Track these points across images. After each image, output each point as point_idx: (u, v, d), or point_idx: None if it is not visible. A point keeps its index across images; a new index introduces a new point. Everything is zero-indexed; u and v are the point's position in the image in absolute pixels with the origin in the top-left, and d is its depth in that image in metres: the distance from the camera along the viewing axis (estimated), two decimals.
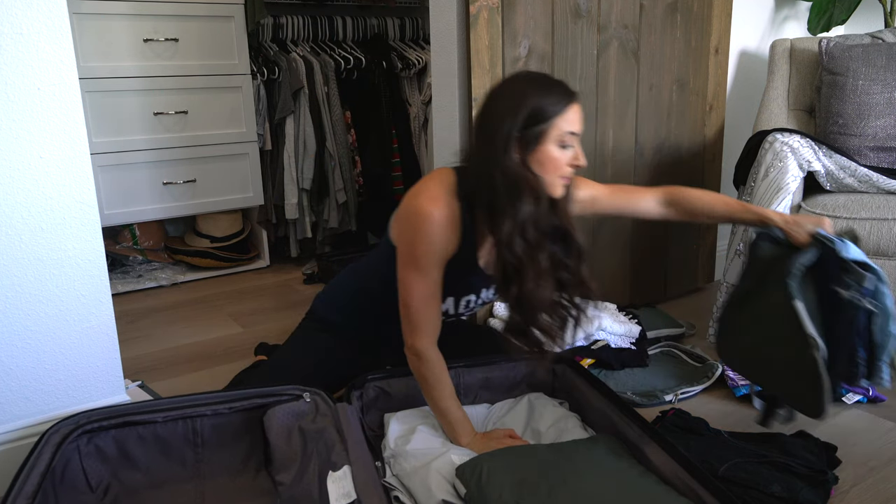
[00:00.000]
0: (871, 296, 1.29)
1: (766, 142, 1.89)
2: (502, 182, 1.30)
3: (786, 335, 1.32)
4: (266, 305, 2.61)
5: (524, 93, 1.30)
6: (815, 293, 1.33)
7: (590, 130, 2.17)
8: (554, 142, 1.30)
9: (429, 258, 1.36)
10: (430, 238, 1.35)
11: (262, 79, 2.91)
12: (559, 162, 1.31)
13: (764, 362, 1.43)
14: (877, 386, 1.37)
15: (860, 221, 1.82)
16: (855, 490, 1.40)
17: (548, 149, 1.30)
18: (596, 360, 1.89)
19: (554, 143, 1.30)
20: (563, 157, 1.31)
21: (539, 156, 1.30)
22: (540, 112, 1.28)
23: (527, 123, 1.28)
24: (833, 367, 1.29)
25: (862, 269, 1.29)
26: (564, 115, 1.29)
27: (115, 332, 1.55)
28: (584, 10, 2.06)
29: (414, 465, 1.33)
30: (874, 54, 2.02)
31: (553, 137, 1.29)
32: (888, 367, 1.32)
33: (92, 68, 2.56)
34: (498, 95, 1.33)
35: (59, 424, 1.37)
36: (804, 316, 1.28)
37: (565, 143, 1.30)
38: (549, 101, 1.28)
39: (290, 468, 1.37)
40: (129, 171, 2.72)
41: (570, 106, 1.29)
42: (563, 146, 1.30)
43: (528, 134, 1.29)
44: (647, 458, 1.30)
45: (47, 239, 1.42)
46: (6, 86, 1.33)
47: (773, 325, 1.36)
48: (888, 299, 1.30)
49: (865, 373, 1.33)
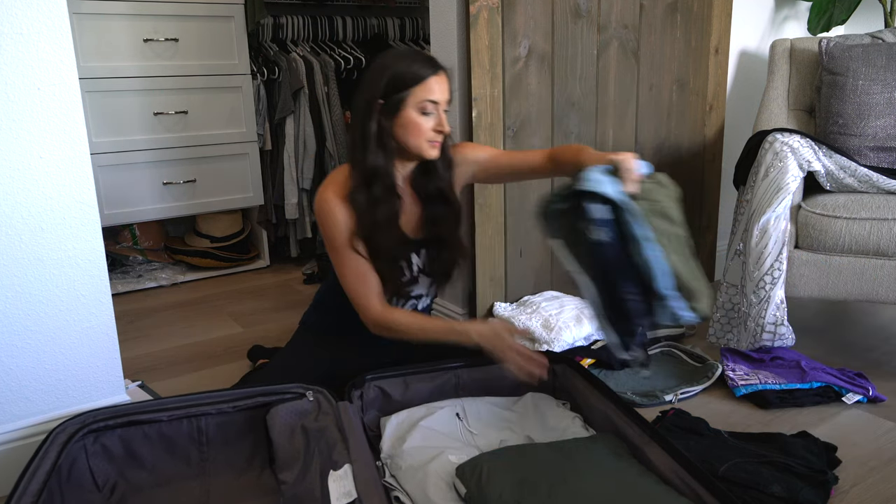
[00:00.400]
0: (606, 226, 1.24)
1: (766, 142, 1.89)
2: (358, 141, 1.49)
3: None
4: (266, 305, 2.61)
5: (387, 65, 1.48)
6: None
7: (590, 130, 2.17)
8: (414, 108, 1.46)
9: (341, 239, 1.51)
10: (334, 221, 1.51)
11: (262, 79, 2.91)
12: (421, 127, 1.48)
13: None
14: (683, 324, 1.29)
15: (860, 221, 1.82)
16: (855, 490, 1.40)
17: (409, 114, 1.47)
18: (596, 360, 1.89)
19: (414, 110, 1.47)
20: (425, 122, 1.47)
21: (401, 120, 1.48)
22: (400, 81, 1.45)
23: (388, 91, 1.46)
24: (608, 304, 1.27)
25: (597, 202, 1.23)
26: (424, 84, 1.45)
27: (115, 332, 1.55)
28: (584, 10, 2.06)
29: (411, 464, 1.33)
30: (874, 54, 2.02)
31: (412, 104, 1.46)
32: (679, 298, 1.24)
33: (92, 68, 2.56)
34: (369, 69, 1.51)
35: (65, 424, 1.38)
36: (560, 254, 1.28)
37: (426, 110, 1.47)
38: (410, 71, 1.45)
39: (292, 467, 1.37)
40: (129, 171, 2.72)
41: (430, 76, 1.46)
42: (423, 112, 1.47)
43: (389, 101, 1.46)
44: (647, 458, 1.30)
45: (47, 239, 1.42)
46: (6, 86, 1.33)
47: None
48: (635, 226, 1.25)
49: (647, 308, 1.26)
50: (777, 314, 1.87)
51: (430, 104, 1.47)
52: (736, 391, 1.78)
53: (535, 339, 1.90)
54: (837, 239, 1.84)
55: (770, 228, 1.83)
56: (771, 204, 1.83)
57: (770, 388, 1.74)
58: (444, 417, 1.51)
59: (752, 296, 1.87)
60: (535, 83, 2.01)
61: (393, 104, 1.47)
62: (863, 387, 1.75)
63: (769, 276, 1.85)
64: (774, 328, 1.88)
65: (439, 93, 1.47)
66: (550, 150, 1.61)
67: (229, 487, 1.43)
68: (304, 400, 1.46)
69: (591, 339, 1.95)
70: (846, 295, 1.87)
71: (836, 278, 1.86)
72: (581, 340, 1.93)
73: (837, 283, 1.86)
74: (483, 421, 1.55)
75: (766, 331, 1.89)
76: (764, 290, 1.85)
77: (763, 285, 1.85)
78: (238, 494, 1.41)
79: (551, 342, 1.86)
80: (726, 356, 1.92)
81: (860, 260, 1.83)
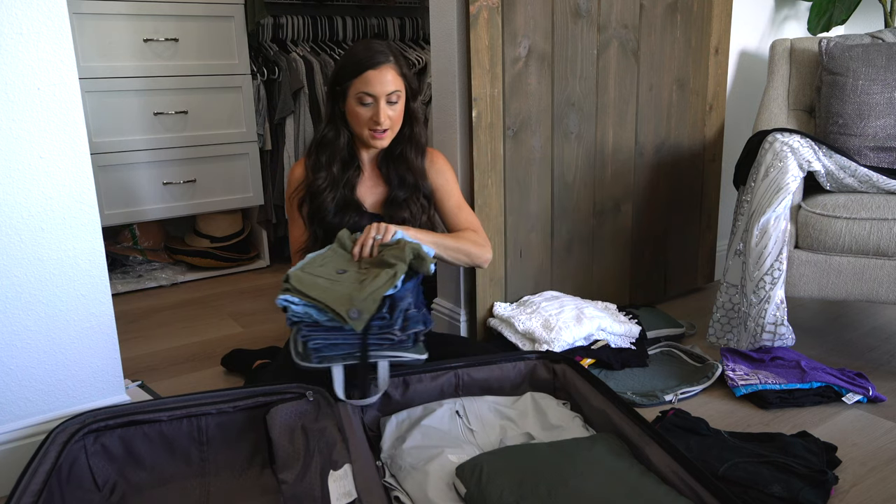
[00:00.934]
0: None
1: (766, 142, 1.89)
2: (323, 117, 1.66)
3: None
4: (266, 305, 2.61)
5: (345, 56, 1.62)
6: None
7: (590, 130, 2.17)
8: (353, 98, 1.60)
9: (292, 203, 1.71)
10: (289, 180, 1.73)
11: (262, 79, 2.91)
12: (360, 117, 1.61)
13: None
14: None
15: (860, 221, 1.82)
16: (855, 490, 1.40)
17: (349, 103, 1.61)
18: (596, 360, 1.89)
19: (353, 100, 1.60)
20: (362, 112, 1.60)
21: (347, 108, 1.62)
22: (344, 71, 1.60)
23: (336, 79, 1.62)
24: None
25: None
26: (361, 76, 1.56)
27: (115, 332, 1.55)
28: (584, 10, 2.06)
29: (411, 464, 1.33)
30: (874, 54, 2.02)
31: (352, 94, 1.59)
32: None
33: (92, 68, 2.56)
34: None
35: (65, 423, 1.38)
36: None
37: (363, 101, 1.59)
38: (352, 62, 1.58)
39: (292, 466, 1.37)
40: (129, 171, 2.72)
41: (368, 70, 1.56)
42: (361, 103, 1.59)
43: (338, 89, 1.62)
44: (647, 458, 1.30)
45: (47, 239, 1.42)
46: (6, 86, 1.33)
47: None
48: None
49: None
50: (777, 314, 1.87)
51: (367, 96, 1.58)
52: (736, 391, 1.78)
53: (535, 339, 1.90)
54: (837, 239, 1.84)
55: (770, 228, 1.83)
56: (771, 204, 1.83)
57: (770, 388, 1.74)
58: (444, 417, 1.51)
59: (752, 296, 1.87)
60: (535, 83, 2.01)
61: (340, 92, 1.62)
62: (863, 387, 1.75)
63: (769, 276, 1.85)
64: (774, 328, 1.89)
65: (378, 85, 1.56)
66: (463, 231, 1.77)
67: (229, 487, 1.43)
68: (304, 400, 1.46)
69: (591, 339, 1.95)
70: (846, 295, 1.87)
71: (835, 278, 1.86)
72: (581, 340, 1.93)
73: (837, 283, 1.86)
74: (483, 420, 1.55)
75: (766, 331, 1.89)
76: (764, 290, 1.86)
77: (763, 285, 1.85)
78: (238, 494, 1.41)
79: (551, 342, 1.86)
80: (726, 356, 1.92)
81: (860, 260, 1.83)
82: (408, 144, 1.70)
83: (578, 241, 2.24)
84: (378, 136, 1.63)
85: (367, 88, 1.57)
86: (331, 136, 1.65)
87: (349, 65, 1.58)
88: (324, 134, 1.67)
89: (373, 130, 1.61)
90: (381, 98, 1.57)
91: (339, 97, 1.63)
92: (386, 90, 1.57)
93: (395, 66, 1.58)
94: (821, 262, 1.87)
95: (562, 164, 2.14)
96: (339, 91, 1.62)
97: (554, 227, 2.17)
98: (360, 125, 1.62)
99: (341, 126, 1.66)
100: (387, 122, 1.60)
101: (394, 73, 1.58)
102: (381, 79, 1.56)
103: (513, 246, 2.09)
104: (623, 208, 2.32)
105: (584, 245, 2.26)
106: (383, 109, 1.58)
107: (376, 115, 1.59)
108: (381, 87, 1.56)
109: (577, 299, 2.09)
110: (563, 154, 2.13)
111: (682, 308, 2.45)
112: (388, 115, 1.60)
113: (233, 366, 2.03)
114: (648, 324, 2.14)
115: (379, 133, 1.62)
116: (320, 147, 1.67)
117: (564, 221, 2.19)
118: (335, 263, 1.51)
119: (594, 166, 2.21)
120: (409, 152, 1.70)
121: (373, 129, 1.61)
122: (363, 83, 1.57)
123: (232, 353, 2.06)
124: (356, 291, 1.39)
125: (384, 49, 1.59)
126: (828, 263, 1.87)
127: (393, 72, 1.57)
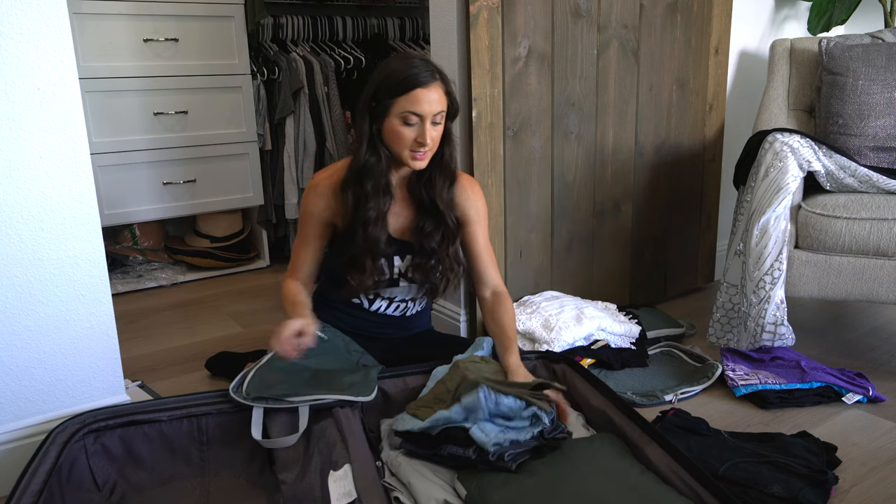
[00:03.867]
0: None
1: (766, 142, 1.89)
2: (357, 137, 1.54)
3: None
4: (266, 305, 2.61)
5: (385, 68, 1.50)
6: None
7: (590, 130, 2.17)
8: (397, 117, 1.47)
9: (305, 218, 1.63)
10: (307, 202, 1.61)
11: (262, 79, 2.91)
12: (402, 136, 1.48)
13: None
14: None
15: (860, 221, 1.82)
16: (855, 490, 1.40)
17: (391, 122, 1.49)
18: (596, 360, 1.89)
19: (397, 118, 1.48)
20: (406, 132, 1.48)
21: (387, 127, 1.50)
22: (388, 87, 1.47)
23: (378, 95, 1.48)
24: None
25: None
26: (409, 94, 1.45)
27: (115, 332, 1.55)
28: (584, 10, 2.06)
29: (411, 464, 1.33)
30: (874, 54, 2.02)
31: (396, 113, 1.47)
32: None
33: (92, 68, 2.56)
34: (377, 69, 1.52)
35: (66, 423, 1.38)
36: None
37: (408, 121, 1.47)
38: (399, 79, 1.45)
39: (292, 467, 1.37)
40: (129, 171, 2.72)
41: (417, 88, 1.45)
42: (406, 123, 1.47)
43: (379, 105, 1.49)
44: (647, 458, 1.30)
45: (47, 239, 1.42)
46: (6, 86, 1.33)
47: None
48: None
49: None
50: (777, 314, 1.87)
51: (413, 116, 1.46)
52: (736, 391, 1.77)
53: (535, 339, 1.90)
54: (837, 239, 1.84)
55: (770, 228, 1.83)
56: (771, 204, 1.83)
57: (770, 388, 1.74)
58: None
59: (752, 296, 1.87)
60: (535, 83, 2.01)
61: (381, 109, 1.49)
62: (863, 387, 1.75)
63: (769, 276, 1.85)
64: (774, 328, 1.88)
65: (426, 105, 1.46)
66: (498, 292, 1.69)
67: (229, 487, 1.43)
68: None
69: (591, 339, 1.95)
70: (846, 295, 1.87)
71: (836, 278, 1.86)
72: (581, 340, 1.93)
73: (837, 283, 1.86)
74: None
75: (766, 331, 1.89)
76: (764, 290, 1.86)
77: (763, 285, 1.85)
78: (238, 494, 1.41)
79: (551, 342, 1.86)
80: (726, 356, 1.92)
81: (860, 260, 1.83)
82: (437, 169, 1.58)
83: (578, 241, 2.24)
84: (419, 158, 1.51)
85: (415, 108, 1.45)
86: (373, 162, 1.52)
87: (393, 81, 1.46)
88: (366, 160, 1.52)
89: (414, 151, 1.50)
90: (428, 118, 1.47)
91: (377, 115, 1.50)
92: (433, 110, 1.47)
93: (442, 84, 1.49)
94: (821, 262, 1.87)
95: (562, 164, 2.14)
96: (379, 108, 1.49)
97: (554, 227, 2.17)
98: (402, 146, 1.50)
99: (380, 147, 1.52)
100: (430, 143, 1.50)
101: (440, 91, 1.48)
102: (429, 98, 1.46)
103: (513, 246, 2.09)
104: (623, 208, 2.32)
105: (584, 245, 2.26)
106: (428, 130, 1.48)
107: (421, 136, 1.47)
108: (429, 106, 1.46)
109: (577, 299, 2.09)
110: (563, 154, 2.13)
111: (682, 308, 2.45)
112: (432, 136, 1.49)
113: (219, 369, 2.00)
114: (648, 324, 2.14)
115: (420, 154, 1.51)
116: (364, 174, 1.53)
117: (564, 221, 2.19)
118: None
119: (594, 166, 2.21)
120: (436, 177, 1.59)
121: (415, 150, 1.50)
122: (410, 102, 1.45)
123: (219, 355, 2.04)
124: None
125: (431, 66, 1.49)
126: (828, 263, 1.87)
127: (440, 90, 1.48)
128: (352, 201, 1.54)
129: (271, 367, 1.52)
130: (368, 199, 1.54)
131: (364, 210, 1.54)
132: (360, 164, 1.53)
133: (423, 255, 1.62)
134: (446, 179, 1.60)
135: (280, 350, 1.47)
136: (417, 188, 1.60)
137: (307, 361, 1.55)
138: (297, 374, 1.51)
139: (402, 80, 1.45)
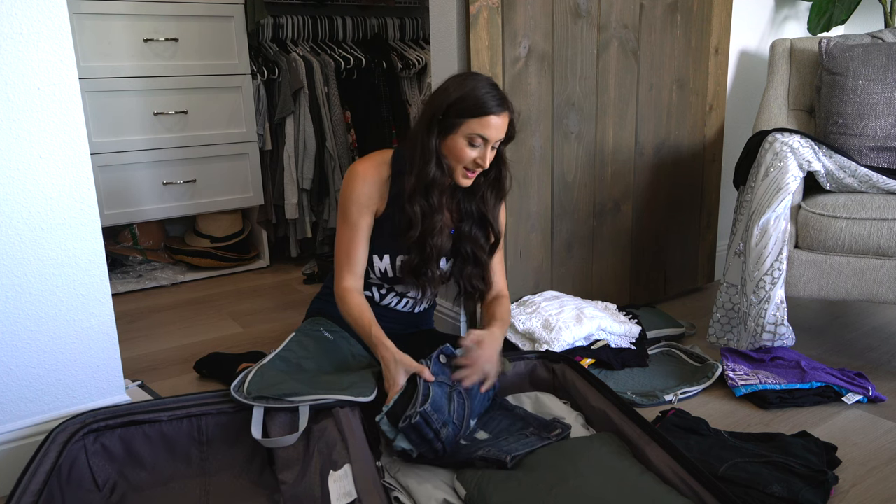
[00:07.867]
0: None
1: (766, 142, 1.89)
2: (419, 148, 1.54)
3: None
4: (266, 305, 2.61)
5: (461, 85, 1.52)
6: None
7: (590, 130, 2.17)
8: (464, 136, 1.51)
9: (351, 207, 1.61)
10: (354, 190, 1.60)
11: (262, 79, 2.91)
12: (464, 154, 1.53)
13: None
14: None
15: (860, 221, 1.82)
16: (855, 490, 1.40)
17: (456, 139, 1.52)
18: (596, 360, 1.89)
19: (463, 137, 1.52)
20: (468, 152, 1.53)
21: (449, 142, 1.53)
22: (464, 106, 1.50)
23: (449, 111, 1.51)
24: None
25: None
26: (483, 118, 1.50)
27: (115, 332, 1.55)
28: (584, 10, 2.06)
29: (411, 464, 1.33)
30: (874, 54, 2.02)
31: (464, 132, 1.51)
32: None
33: (92, 68, 2.56)
34: (448, 84, 1.54)
35: (66, 423, 1.38)
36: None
37: (474, 142, 1.52)
38: (476, 101, 1.49)
39: (292, 467, 1.37)
40: (129, 171, 2.72)
41: (490, 114, 1.49)
42: (471, 144, 1.52)
43: (447, 120, 1.52)
44: (647, 458, 1.30)
45: (47, 239, 1.42)
46: (6, 86, 1.33)
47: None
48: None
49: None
50: (777, 314, 1.87)
51: (479, 138, 1.51)
52: (736, 391, 1.77)
53: (535, 339, 1.90)
54: (837, 239, 1.84)
55: (770, 228, 1.83)
56: (771, 204, 1.83)
57: (770, 388, 1.74)
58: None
59: (752, 296, 1.87)
60: (535, 83, 2.01)
61: (449, 124, 1.52)
62: (863, 387, 1.75)
63: (769, 276, 1.85)
64: (774, 328, 1.89)
65: (493, 130, 1.51)
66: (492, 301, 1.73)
67: (229, 487, 1.43)
68: None
69: (591, 339, 1.95)
70: (846, 295, 1.87)
71: (835, 278, 1.86)
72: (581, 340, 1.93)
73: (837, 283, 1.86)
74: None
75: (766, 331, 1.89)
76: (764, 290, 1.86)
77: (763, 285, 1.85)
78: (238, 494, 1.41)
79: (551, 342, 1.86)
80: (726, 356, 1.92)
81: (860, 260, 1.83)
82: (491, 188, 1.65)
83: (578, 241, 2.24)
84: (471, 176, 1.58)
85: (484, 132, 1.50)
86: (438, 175, 1.56)
87: (468, 103, 1.50)
88: (433, 175, 1.55)
89: (468, 170, 1.56)
90: (492, 142, 1.53)
91: (443, 131, 1.54)
92: (499, 136, 1.53)
93: (510, 113, 1.55)
94: (821, 262, 1.87)
95: (562, 163, 2.14)
96: (446, 125, 1.53)
97: (554, 227, 2.17)
98: (460, 162, 1.55)
99: (442, 160, 1.56)
100: (486, 166, 1.56)
101: (507, 119, 1.54)
102: (499, 125, 1.52)
103: (513, 246, 2.09)
104: (623, 208, 2.32)
105: (584, 245, 2.26)
106: (490, 154, 1.54)
107: (482, 158, 1.53)
108: (496, 132, 1.52)
109: (577, 299, 2.09)
110: (563, 154, 2.13)
111: (682, 308, 2.45)
112: (489, 159, 1.55)
113: (208, 370, 1.99)
114: (648, 324, 2.14)
115: (472, 174, 1.58)
116: (431, 188, 1.57)
117: (564, 221, 2.19)
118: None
119: (594, 166, 2.21)
120: (489, 195, 1.65)
121: (470, 168, 1.56)
122: (482, 126, 1.50)
123: (209, 356, 2.03)
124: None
125: (502, 93, 1.54)
126: (828, 263, 1.87)
127: (507, 118, 1.54)
128: (419, 213, 1.58)
129: (272, 367, 1.52)
130: (435, 211, 1.58)
131: (431, 221, 1.58)
132: (430, 179, 1.55)
133: (466, 260, 1.68)
134: (499, 198, 1.68)
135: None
136: (468, 203, 1.66)
137: (308, 362, 1.56)
138: (297, 373, 1.51)
139: (477, 104, 1.49)
